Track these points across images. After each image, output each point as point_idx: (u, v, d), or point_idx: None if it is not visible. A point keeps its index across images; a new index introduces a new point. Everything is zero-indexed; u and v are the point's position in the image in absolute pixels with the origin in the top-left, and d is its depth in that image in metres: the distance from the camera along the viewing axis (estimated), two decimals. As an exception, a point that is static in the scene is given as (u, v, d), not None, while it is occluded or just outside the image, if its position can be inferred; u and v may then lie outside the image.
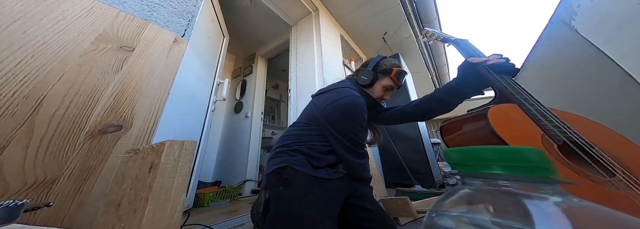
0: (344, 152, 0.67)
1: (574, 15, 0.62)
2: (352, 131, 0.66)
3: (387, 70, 0.74)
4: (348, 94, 0.67)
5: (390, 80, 0.74)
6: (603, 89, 0.56)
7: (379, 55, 0.81)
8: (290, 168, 0.63)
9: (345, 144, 0.66)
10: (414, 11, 2.54)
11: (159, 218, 0.36)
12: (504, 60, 0.54)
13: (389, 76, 0.74)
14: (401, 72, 0.75)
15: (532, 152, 0.16)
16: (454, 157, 0.20)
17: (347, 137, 0.66)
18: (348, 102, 0.66)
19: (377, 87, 0.75)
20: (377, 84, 0.75)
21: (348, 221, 0.65)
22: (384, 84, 0.75)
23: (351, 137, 0.66)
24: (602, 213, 0.14)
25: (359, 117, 0.66)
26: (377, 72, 0.75)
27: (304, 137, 0.70)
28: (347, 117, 0.65)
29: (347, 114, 0.65)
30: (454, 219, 0.16)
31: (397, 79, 0.74)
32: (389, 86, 0.75)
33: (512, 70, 0.53)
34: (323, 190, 0.61)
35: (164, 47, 0.80)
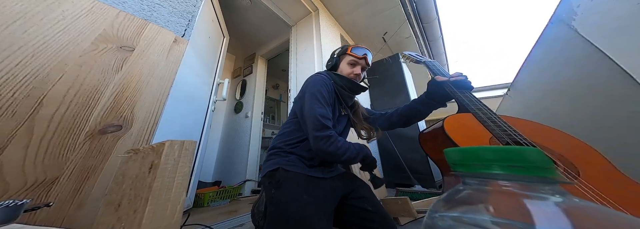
0: (307, 129, 0.65)
1: (574, 15, 0.62)
2: (310, 105, 0.67)
3: (345, 49, 0.84)
4: (310, 76, 0.77)
5: (350, 56, 0.81)
6: (603, 88, 0.56)
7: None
8: (282, 169, 0.64)
9: (306, 120, 0.65)
10: (414, 11, 2.54)
11: (159, 218, 0.36)
12: (463, 78, 0.67)
13: (347, 53, 0.82)
14: (357, 47, 0.83)
15: (532, 152, 0.16)
16: (454, 157, 0.20)
17: (307, 113, 0.66)
18: (308, 81, 0.75)
19: (342, 66, 0.82)
20: (341, 64, 0.82)
21: (348, 222, 0.65)
22: (347, 61, 0.82)
23: (310, 111, 0.65)
24: (602, 213, 0.14)
25: (315, 91, 0.70)
26: (339, 56, 0.84)
27: (291, 134, 0.73)
28: (308, 95, 0.70)
29: (307, 92, 0.71)
30: (454, 219, 0.16)
31: (354, 52, 0.81)
32: (351, 61, 0.81)
33: (469, 86, 0.67)
34: (317, 189, 0.61)
35: (164, 47, 0.80)
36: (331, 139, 0.62)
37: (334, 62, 0.83)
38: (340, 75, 0.79)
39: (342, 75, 0.79)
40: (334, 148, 0.61)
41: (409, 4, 2.39)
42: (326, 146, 0.61)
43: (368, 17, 2.58)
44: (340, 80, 0.78)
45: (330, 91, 0.73)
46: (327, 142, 0.61)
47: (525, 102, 1.01)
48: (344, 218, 0.66)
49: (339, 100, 0.79)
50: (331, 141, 0.61)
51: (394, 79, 2.63)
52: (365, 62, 0.82)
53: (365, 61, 0.82)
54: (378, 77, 2.77)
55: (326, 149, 0.61)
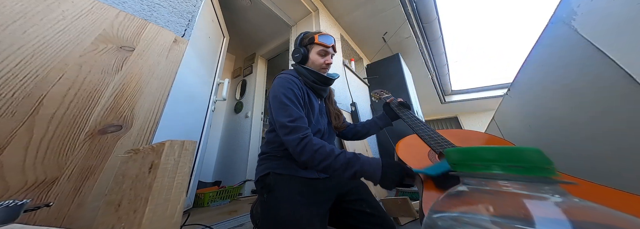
0: (279, 133, 0.61)
1: (573, 15, 0.62)
2: (276, 111, 0.63)
3: (311, 39, 0.79)
4: (276, 77, 0.75)
5: (318, 45, 0.79)
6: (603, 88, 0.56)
7: (300, 33, 0.85)
8: (273, 174, 0.64)
9: (276, 127, 0.62)
10: (414, 11, 2.54)
11: (159, 218, 0.36)
12: (401, 100, 0.86)
13: (314, 43, 0.79)
14: (322, 35, 0.80)
15: (532, 153, 0.16)
16: (454, 157, 0.20)
17: (276, 119, 0.62)
18: (273, 84, 0.71)
19: (312, 57, 0.79)
20: (311, 55, 0.79)
21: (347, 224, 0.65)
22: (316, 51, 0.79)
23: (277, 116, 0.62)
24: (602, 213, 0.14)
25: (280, 93, 0.66)
26: (304, 46, 0.80)
27: (276, 139, 0.70)
28: (271, 100, 0.67)
29: (271, 96, 0.68)
30: (454, 219, 0.16)
31: (323, 41, 0.78)
32: (321, 50, 0.79)
33: (408, 107, 0.84)
34: (310, 190, 0.61)
35: (164, 47, 0.80)
36: (303, 141, 0.55)
37: (303, 54, 0.79)
38: (308, 69, 0.77)
39: (310, 69, 0.77)
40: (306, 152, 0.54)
41: (409, 4, 2.39)
42: (299, 149, 0.54)
43: (368, 17, 2.58)
44: (311, 74, 0.76)
45: (299, 88, 0.70)
46: (298, 145, 0.54)
47: (525, 102, 1.01)
48: (343, 220, 0.66)
49: (314, 94, 0.78)
50: (304, 143, 0.55)
51: (394, 79, 2.63)
52: (333, 49, 0.81)
53: (333, 49, 0.81)
54: (378, 77, 2.77)
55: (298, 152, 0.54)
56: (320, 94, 0.81)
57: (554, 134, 0.81)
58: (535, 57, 0.85)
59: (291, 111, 0.62)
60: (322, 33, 0.81)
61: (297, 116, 0.61)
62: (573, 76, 0.66)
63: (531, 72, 0.91)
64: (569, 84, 0.68)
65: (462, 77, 6.19)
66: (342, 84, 2.18)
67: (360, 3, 2.38)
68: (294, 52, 0.82)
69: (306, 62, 0.80)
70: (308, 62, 0.79)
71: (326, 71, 0.81)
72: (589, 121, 0.63)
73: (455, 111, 6.30)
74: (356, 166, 0.50)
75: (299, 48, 0.81)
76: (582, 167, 0.66)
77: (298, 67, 0.79)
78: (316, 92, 0.79)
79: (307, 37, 0.81)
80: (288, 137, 0.57)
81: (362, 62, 3.24)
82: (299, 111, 0.64)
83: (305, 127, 0.59)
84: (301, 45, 0.81)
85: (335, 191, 0.67)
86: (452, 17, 4.23)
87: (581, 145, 0.69)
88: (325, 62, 0.79)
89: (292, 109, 0.62)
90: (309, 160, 0.54)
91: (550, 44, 0.75)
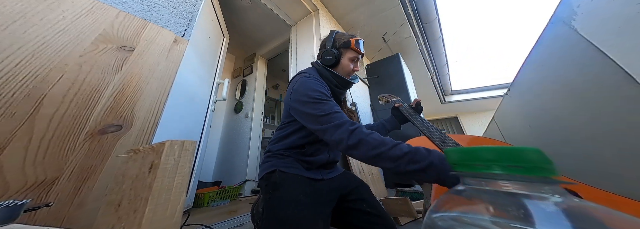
0: (313, 125, 0.58)
1: (573, 15, 0.62)
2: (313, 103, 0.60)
3: (347, 43, 0.74)
4: (296, 78, 0.71)
5: (353, 51, 0.75)
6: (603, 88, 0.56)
7: (331, 31, 0.80)
8: (279, 171, 0.63)
9: (311, 115, 0.58)
10: (414, 11, 2.54)
11: (159, 218, 0.36)
12: (416, 103, 0.87)
13: (350, 48, 0.74)
14: (358, 40, 0.76)
15: (532, 153, 0.16)
16: (454, 157, 0.20)
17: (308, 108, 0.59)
18: (301, 82, 0.66)
19: (344, 62, 0.74)
20: (343, 59, 0.75)
21: (348, 223, 0.65)
22: (349, 57, 0.75)
23: (314, 109, 0.58)
24: (602, 213, 0.14)
25: (311, 90, 0.62)
26: (338, 49, 0.75)
27: (288, 138, 0.69)
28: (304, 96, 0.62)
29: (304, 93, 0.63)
30: (454, 219, 0.16)
31: (358, 47, 0.74)
32: (354, 57, 0.75)
33: (419, 110, 0.86)
34: (315, 191, 0.61)
35: (164, 47, 0.80)
36: (356, 130, 0.50)
37: (336, 57, 0.73)
38: (332, 72, 0.73)
39: (335, 72, 0.73)
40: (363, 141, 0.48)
41: (409, 4, 2.39)
42: (353, 140, 0.49)
43: (368, 17, 2.58)
44: (334, 78, 0.73)
45: (325, 86, 0.68)
46: (351, 135, 0.50)
47: (526, 102, 1.01)
48: (344, 219, 0.66)
49: (333, 97, 0.74)
50: (356, 132, 0.50)
51: (394, 79, 2.63)
52: (362, 56, 0.78)
53: (363, 55, 0.78)
54: (378, 77, 2.77)
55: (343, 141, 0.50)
56: (339, 98, 0.79)
57: (554, 134, 0.81)
58: (535, 57, 0.85)
59: (332, 105, 0.59)
60: (358, 38, 0.76)
61: (337, 108, 0.58)
62: (573, 76, 0.65)
63: (531, 72, 0.91)
64: (569, 84, 0.68)
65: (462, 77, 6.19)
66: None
67: (360, 3, 2.38)
68: (325, 54, 0.74)
69: (336, 66, 0.75)
70: (337, 67, 0.75)
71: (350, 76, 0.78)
72: (589, 121, 0.63)
73: (455, 111, 6.30)
74: (432, 158, 0.42)
75: (332, 50, 0.74)
76: (582, 167, 0.66)
77: (322, 70, 0.74)
78: (336, 96, 0.76)
79: (341, 40, 0.75)
80: (336, 130, 0.52)
81: (362, 62, 3.24)
82: (335, 105, 0.60)
83: (351, 120, 0.55)
84: (334, 46, 0.75)
85: (338, 192, 0.67)
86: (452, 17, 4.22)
87: (581, 145, 0.69)
88: (355, 68, 0.76)
89: (329, 101, 0.60)
90: (356, 146, 0.49)
91: (550, 44, 0.75)
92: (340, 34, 0.78)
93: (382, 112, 2.48)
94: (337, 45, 0.75)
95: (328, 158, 0.71)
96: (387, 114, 0.96)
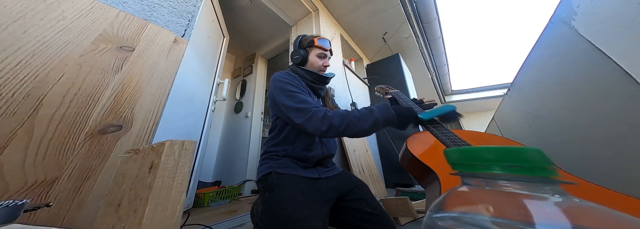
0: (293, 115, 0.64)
1: (574, 15, 0.62)
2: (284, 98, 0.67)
3: (311, 42, 0.84)
4: (272, 78, 0.77)
5: (318, 48, 0.83)
6: (603, 88, 0.56)
7: (298, 36, 0.90)
8: (275, 173, 0.64)
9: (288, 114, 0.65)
10: (414, 11, 2.54)
11: (159, 218, 0.36)
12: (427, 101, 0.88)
13: (314, 46, 0.83)
14: (321, 38, 0.85)
15: (532, 152, 0.16)
16: (454, 157, 0.20)
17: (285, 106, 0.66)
18: (273, 80, 0.74)
19: (312, 59, 0.83)
20: (310, 57, 0.83)
21: (347, 223, 0.65)
22: (316, 54, 0.83)
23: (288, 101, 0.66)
24: (602, 213, 0.14)
25: (282, 85, 0.70)
26: (304, 49, 0.85)
27: (278, 137, 0.73)
28: (277, 92, 0.70)
29: (275, 91, 0.71)
30: (454, 219, 0.16)
31: (322, 44, 0.83)
32: (320, 53, 0.84)
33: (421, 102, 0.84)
34: (312, 190, 0.61)
35: (164, 47, 0.80)
36: (318, 114, 0.60)
37: (303, 56, 0.83)
38: (305, 69, 0.81)
39: (307, 69, 0.81)
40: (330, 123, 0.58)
41: (409, 4, 2.39)
42: (319, 124, 0.58)
43: (368, 17, 2.58)
44: (308, 74, 0.80)
45: (299, 83, 0.75)
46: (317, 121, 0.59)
47: (526, 102, 1.01)
48: (343, 219, 0.66)
49: (312, 92, 0.82)
50: (319, 116, 0.59)
51: (394, 79, 2.63)
52: (330, 53, 0.87)
53: (330, 52, 0.86)
54: (378, 77, 2.77)
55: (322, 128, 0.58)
56: (318, 93, 0.85)
57: (554, 134, 0.81)
58: (535, 57, 0.85)
59: (303, 97, 0.66)
60: (321, 37, 0.86)
61: (305, 99, 0.66)
62: (573, 76, 0.65)
63: (531, 72, 0.91)
64: (569, 84, 0.68)
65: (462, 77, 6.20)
66: (342, 84, 2.18)
67: (360, 3, 2.38)
68: (293, 54, 0.85)
69: (305, 63, 0.84)
70: (307, 64, 0.83)
71: (324, 72, 0.85)
72: (589, 121, 0.63)
73: (455, 111, 6.29)
74: (375, 113, 0.58)
75: (298, 50, 0.84)
76: (582, 167, 0.66)
77: (295, 68, 0.83)
78: (314, 90, 0.83)
79: (306, 40, 0.85)
80: (302, 118, 0.61)
81: (362, 62, 3.24)
82: (307, 97, 0.68)
83: (322, 108, 0.63)
84: (300, 47, 0.85)
85: (337, 191, 0.68)
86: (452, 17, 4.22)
87: (581, 145, 0.69)
88: (324, 64, 0.84)
89: (300, 93, 0.67)
90: (332, 127, 0.58)
91: (550, 44, 0.75)
92: (306, 36, 0.88)
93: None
94: (303, 46, 0.85)
95: (323, 153, 0.72)
96: None
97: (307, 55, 0.83)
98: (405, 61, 2.91)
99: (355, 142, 1.75)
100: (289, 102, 0.65)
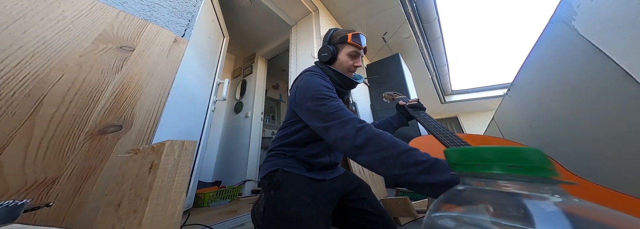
0: (317, 122, 0.55)
1: (574, 15, 0.62)
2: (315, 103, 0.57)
3: (343, 37, 0.72)
4: (302, 75, 0.69)
5: (351, 46, 0.72)
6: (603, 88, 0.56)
7: (329, 30, 0.78)
8: (282, 171, 0.63)
9: (316, 112, 0.56)
10: (414, 11, 2.54)
11: (159, 218, 0.36)
12: (415, 102, 0.86)
13: (347, 43, 0.72)
14: (356, 34, 0.72)
15: (532, 152, 0.16)
16: (454, 157, 0.20)
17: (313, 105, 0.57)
18: (306, 81, 0.64)
19: (342, 58, 0.72)
20: (341, 55, 0.73)
21: (348, 222, 0.65)
22: (347, 52, 0.72)
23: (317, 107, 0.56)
24: (602, 213, 0.14)
25: (320, 87, 0.60)
26: (335, 45, 0.73)
27: (290, 137, 0.69)
28: (310, 93, 0.60)
29: (306, 88, 0.61)
30: (454, 219, 0.16)
31: (356, 42, 0.71)
32: (353, 52, 0.72)
33: (422, 108, 0.84)
34: (316, 190, 0.61)
35: (164, 47, 0.80)
36: (364, 129, 0.46)
37: (332, 52, 0.71)
38: (335, 71, 0.71)
39: (337, 71, 0.71)
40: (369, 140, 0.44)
41: (409, 4, 2.39)
42: (361, 139, 0.44)
43: (368, 17, 2.58)
44: (337, 77, 0.71)
45: (330, 84, 0.66)
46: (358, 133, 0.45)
47: (526, 102, 1.01)
48: (344, 218, 0.66)
49: None
50: (364, 130, 0.46)
51: (394, 79, 2.63)
52: (365, 51, 0.75)
53: (365, 50, 0.74)
54: (378, 77, 2.77)
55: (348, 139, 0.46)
56: (343, 99, 0.77)
57: (554, 134, 0.81)
58: (535, 57, 0.85)
59: (339, 103, 0.56)
60: (356, 32, 0.73)
61: (345, 107, 0.55)
62: (573, 76, 0.65)
63: (531, 72, 0.91)
64: (569, 84, 0.68)
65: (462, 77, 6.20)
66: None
67: (360, 3, 2.37)
68: (321, 50, 0.73)
69: (333, 62, 0.73)
70: (335, 63, 0.73)
71: (353, 74, 0.76)
72: (589, 121, 0.63)
73: (455, 111, 6.30)
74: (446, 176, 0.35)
75: (328, 46, 0.72)
76: (583, 167, 0.66)
77: (325, 68, 0.72)
78: (340, 96, 0.74)
79: (338, 35, 0.74)
80: (343, 127, 0.49)
81: (363, 63, 3.24)
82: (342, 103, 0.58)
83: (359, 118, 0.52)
84: (330, 43, 0.74)
85: (340, 192, 0.67)
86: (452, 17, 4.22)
87: (581, 145, 0.69)
88: (355, 64, 0.73)
89: (335, 99, 0.57)
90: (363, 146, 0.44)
91: (550, 44, 0.75)
92: (338, 31, 0.76)
93: (382, 112, 2.48)
94: (333, 42, 0.74)
95: (330, 161, 0.71)
96: (387, 114, 0.96)
97: (337, 52, 0.72)
98: (405, 61, 2.91)
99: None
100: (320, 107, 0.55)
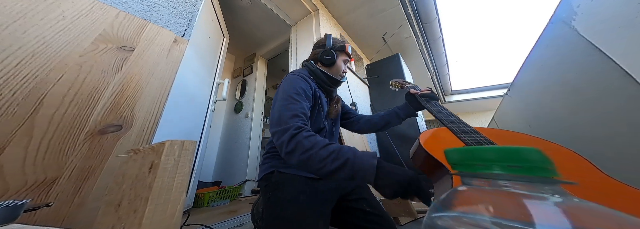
0: (271, 127, 0.54)
1: (574, 15, 0.62)
2: (281, 103, 0.57)
3: (342, 46, 0.81)
4: (287, 76, 0.71)
5: (346, 55, 0.82)
6: (603, 88, 0.56)
7: (327, 34, 0.85)
8: (278, 172, 0.64)
9: (274, 117, 0.55)
10: (414, 11, 2.54)
11: (159, 218, 0.36)
12: (428, 91, 0.80)
13: (344, 52, 0.81)
14: (349, 46, 0.84)
15: (532, 152, 0.16)
16: (454, 157, 0.20)
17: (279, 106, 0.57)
18: (284, 81, 0.68)
19: (339, 63, 0.80)
20: (338, 61, 0.80)
21: (348, 223, 0.65)
22: (342, 59, 0.81)
23: (278, 111, 0.55)
24: (602, 213, 0.14)
25: (290, 88, 0.62)
26: (335, 50, 0.80)
27: None
28: (281, 94, 0.61)
29: (281, 91, 0.63)
30: (454, 219, 0.16)
31: (349, 53, 0.83)
32: (345, 60, 0.82)
33: (435, 98, 0.78)
34: (314, 190, 0.61)
35: (164, 47, 0.80)
36: (301, 132, 0.47)
37: (334, 59, 0.78)
38: (323, 71, 0.77)
39: (324, 71, 0.77)
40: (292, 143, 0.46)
41: (409, 4, 2.39)
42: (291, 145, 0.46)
43: (368, 17, 2.58)
44: (324, 76, 0.76)
45: (311, 86, 0.69)
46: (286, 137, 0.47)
47: (526, 102, 1.01)
48: (344, 218, 0.66)
49: (325, 94, 0.79)
50: (299, 135, 0.46)
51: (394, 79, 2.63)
52: None
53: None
54: (378, 77, 2.77)
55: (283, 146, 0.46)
56: (331, 96, 0.84)
57: (554, 134, 0.81)
58: (535, 57, 0.85)
59: (301, 104, 0.57)
60: (345, 43, 0.85)
61: (303, 110, 0.56)
62: (573, 76, 0.65)
63: (531, 72, 0.91)
64: (569, 84, 0.68)
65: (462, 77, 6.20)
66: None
67: (360, 3, 2.38)
68: (325, 53, 0.78)
69: (331, 66, 0.79)
70: (333, 67, 0.79)
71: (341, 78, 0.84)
72: (590, 121, 0.63)
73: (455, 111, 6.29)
74: (348, 155, 0.41)
75: (331, 51, 0.78)
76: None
77: (315, 69, 0.77)
78: (327, 93, 0.81)
79: (339, 44, 0.82)
80: (277, 127, 0.51)
81: (362, 62, 3.24)
82: (309, 106, 0.61)
83: (302, 125, 0.51)
84: (334, 49, 0.80)
85: (338, 192, 0.68)
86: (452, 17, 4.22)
87: (581, 145, 0.69)
88: (345, 71, 0.83)
89: (302, 102, 0.59)
90: (292, 151, 0.46)
91: (550, 44, 0.75)
92: (337, 40, 0.85)
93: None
94: (335, 48, 0.81)
95: None
96: None
97: (335, 59, 0.79)
98: (405, 60, 2.90)
99: (355, 141, 1.75)
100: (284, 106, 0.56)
